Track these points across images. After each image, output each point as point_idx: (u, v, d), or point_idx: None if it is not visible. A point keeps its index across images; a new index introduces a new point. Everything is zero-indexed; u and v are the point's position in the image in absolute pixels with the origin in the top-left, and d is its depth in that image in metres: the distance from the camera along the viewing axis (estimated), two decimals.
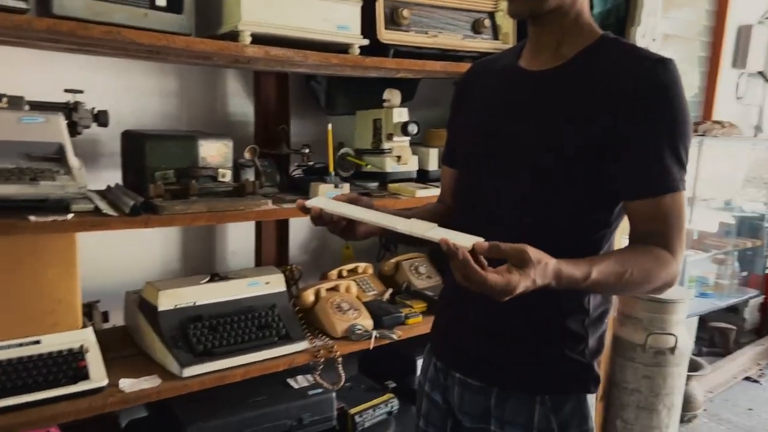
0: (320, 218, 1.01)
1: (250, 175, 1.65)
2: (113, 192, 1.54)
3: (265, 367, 1.58)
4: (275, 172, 1.79)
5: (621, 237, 1.11)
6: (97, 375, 1.38)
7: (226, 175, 1.56)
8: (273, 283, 1.71)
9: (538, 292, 0.86)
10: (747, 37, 3.89)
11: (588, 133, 0.97)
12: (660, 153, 0.94)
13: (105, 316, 1.64)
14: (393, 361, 2.11)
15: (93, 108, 1.50)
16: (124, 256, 1.86)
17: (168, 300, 1.54)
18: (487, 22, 1.94)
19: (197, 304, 1.59)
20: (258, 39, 1.47)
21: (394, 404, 1.97)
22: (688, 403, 2.77)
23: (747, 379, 3.43)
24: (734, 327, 3.69)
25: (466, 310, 1.13)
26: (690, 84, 3.76)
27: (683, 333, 2.51)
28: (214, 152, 1.56)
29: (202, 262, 2.03)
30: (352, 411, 1.89)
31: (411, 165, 1.99)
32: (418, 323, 1.87)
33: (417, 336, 1.84)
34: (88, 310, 1.58)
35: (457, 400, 1.15)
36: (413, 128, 1.89)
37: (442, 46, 1.85)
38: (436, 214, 1.20)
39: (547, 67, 1.04)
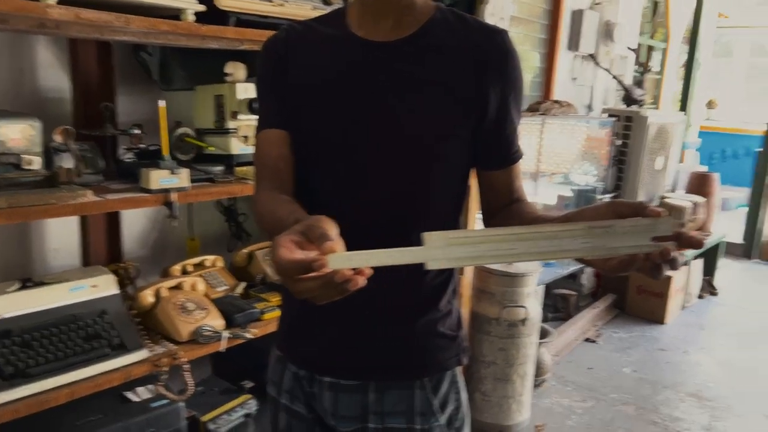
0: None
1: (66, 162, 1.40)
2: None
3: (96, 384, 1.36)
4: (98, 157, 1.54)
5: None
6: None
7: (34, 162, 1.30)
8: (101, 286, 1.48)
9: (407, 272, 0.74)
10: (579, 21, 4.14)
11: (459, 105, 0.95)
12: (513, 122, 0.99)
13: None
14: (249, 357, 1.96)
15: None
16: None
17: None
18: None
19: (4, 317, 1.34)
20: None
21: (252, 405, 1.84)
22: (538, 369, 2.91)
23: (587, 340, 3.72)
24: (574, 293, 3.98)
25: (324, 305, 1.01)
26: (532, 65, 3.94)
27: (533, 304, 2.62)
28: (17, 135, 1.30)
29: (15, 264, 1.72)
30: (205, 418, 1.73)
31: None
32: (275, 318, 1.73)
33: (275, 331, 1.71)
34: None
35: (329, 406, 1.04)
36: None
37: (290, 16, 1.70)
38: (292, 208, 0.86)
39: (395, 38, 0.95)
